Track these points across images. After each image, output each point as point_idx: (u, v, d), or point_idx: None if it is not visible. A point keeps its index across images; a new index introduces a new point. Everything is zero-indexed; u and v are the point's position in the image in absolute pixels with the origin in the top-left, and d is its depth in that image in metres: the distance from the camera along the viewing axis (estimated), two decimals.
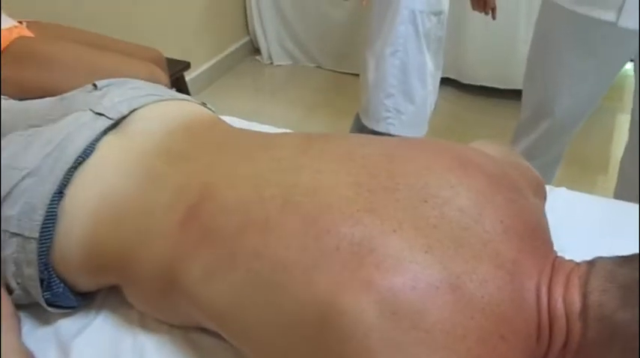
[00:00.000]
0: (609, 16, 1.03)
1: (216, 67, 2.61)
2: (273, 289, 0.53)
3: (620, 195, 1.32)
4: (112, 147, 0.69)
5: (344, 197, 0.56)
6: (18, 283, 0.67)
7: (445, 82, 2.47)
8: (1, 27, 1.32)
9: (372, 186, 0.57)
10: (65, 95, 0.85)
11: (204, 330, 0.66)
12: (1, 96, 1.05)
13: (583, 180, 1.94)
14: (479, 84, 2.35)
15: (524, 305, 0.51)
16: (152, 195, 0.64)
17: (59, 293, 0.67)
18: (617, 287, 0.49)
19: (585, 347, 0.50)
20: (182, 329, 0.67)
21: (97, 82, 0.81)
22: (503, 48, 2.20)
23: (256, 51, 2.86)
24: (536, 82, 1.29)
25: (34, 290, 0.67)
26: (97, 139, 0.69)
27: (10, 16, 1.32)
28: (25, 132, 0.76)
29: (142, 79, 0.96)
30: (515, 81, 2.24)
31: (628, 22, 1.01)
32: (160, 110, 0.76)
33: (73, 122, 0.72)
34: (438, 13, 1.41)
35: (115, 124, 0.72)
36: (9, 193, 0.66)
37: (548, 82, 1.24)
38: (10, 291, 0.68)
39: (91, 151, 0.68)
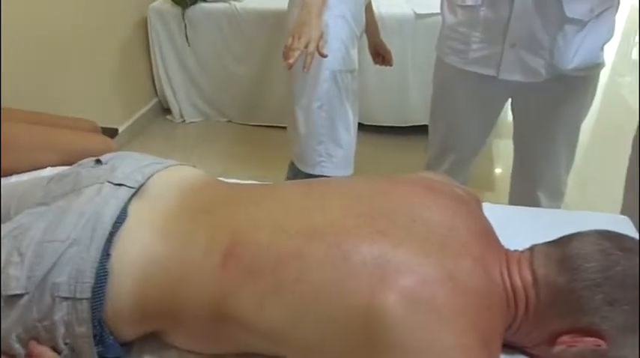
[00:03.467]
0: (491, 71, 1.33)
1: (129, 130, 2.66)
2: (316, 304, 0.68)
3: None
4: (140, 212, 0.81)
5: (355, 225, 0.74)
6: (66, 343, 0.75)
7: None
8: None
9: (372, 214, 0.75)
10: (63, 172, 0.93)
11: (242, 355, 0.78)
12: None
13: None
14: (381, 124, 2.68)
15: (495, 285, 0.73)
16: (187, 249, 0.77)
17: (109, 345, 0.76)
18: (553, 261, 0.73)
19: (541, 306, 0.72)
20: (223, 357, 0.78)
21: (100, 158, 0.91)
22: (398, 93, 2.55)
23: (166, 111, 2.95)
24: (439, 125, 1.58)
25: (85, 346, 0.75)
26: (126, 206, 0.80)
27: None
28: (38, 209, 0.84)
29: (99, 149, 1.07)
30: (410, 119, 2.60)
31: (505, 75, 1.33)
32: (169, 176, 0.89)
33: (95, 194, 0.82)
34: (352, 71, 1.66)
35: (136, 192, 0.83)
36: (55, 263, 0.74)
37: (448, 124, 1.53)
38: (58, 352, 0.75)
39: (124, 217, 0.79)
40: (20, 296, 0.73)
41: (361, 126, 2.73)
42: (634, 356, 0.72)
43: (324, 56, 1.28)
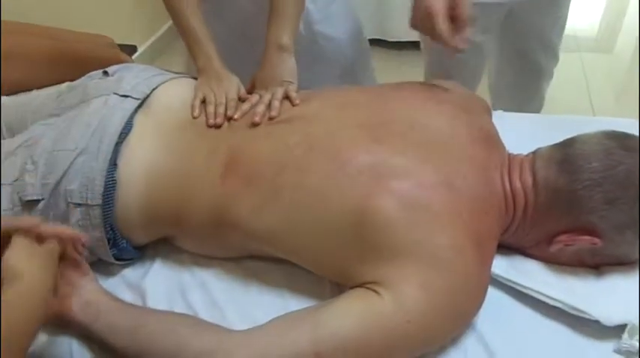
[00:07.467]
0: None
1: (151, 48, 2.65)
2: (314, 209, 0.70)
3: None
4: (145, 123, 0.82)
5: (353, 135, 0.74)
6: (83, 245, 0.80)
7: (375, 42, 2.66)
8: None
9: (370, 123, 0.75)
10: (72, 84, 0.95)
11: (252, 257, 0.81)
12: None
13: None
14: (403, 40, 2.58)
15: (495, 188, 0.72)
16: (189, 159, 0.79)
17: (123, 248, 0.81)
18: (555, 162, 0.71)
19: (539, 209, 0.72)
20: (232, 259, 0.82)
21: (107, 70, 0.92)
22: None
23: None
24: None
25: (101, 248, 0.79)
26: (131, 117, 0.82)
27: None
28: (50, 120, 0.86)
29: (113, 64, 1.07)
30: None
31: None
32: (174, 88, 0.89)
33: (102, 106, 0.83)
34: None
35: (141, 103, 0.84)
36: (66, 171, 0.77)
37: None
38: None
39: (130, 127, 0.81)
40: (37, 201, 0.77)
41: (379, 42, 2.66)
42: (632, 254, 0.72)
43: None
